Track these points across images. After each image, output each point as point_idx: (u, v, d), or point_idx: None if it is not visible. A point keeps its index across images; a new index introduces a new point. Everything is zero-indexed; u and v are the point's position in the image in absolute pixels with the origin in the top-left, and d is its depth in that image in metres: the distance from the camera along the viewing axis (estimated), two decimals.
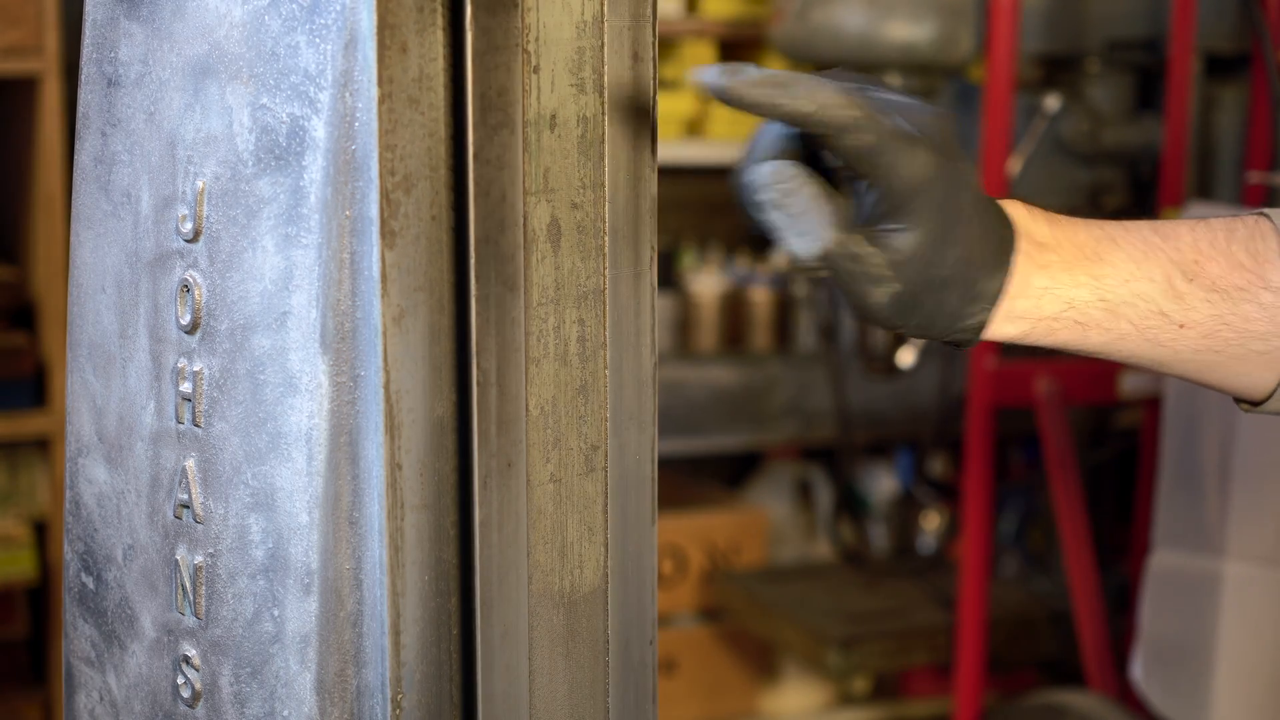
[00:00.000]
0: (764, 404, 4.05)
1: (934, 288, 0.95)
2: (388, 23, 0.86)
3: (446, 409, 0.90)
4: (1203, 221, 1.02)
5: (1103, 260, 0.99)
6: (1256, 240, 1.01)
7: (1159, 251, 1.00)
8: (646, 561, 1.01)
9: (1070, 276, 0.98)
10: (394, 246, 0.87)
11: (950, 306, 0.96)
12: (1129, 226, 1.01)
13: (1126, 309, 0.99)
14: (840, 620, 3.44)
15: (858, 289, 0.94)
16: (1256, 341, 1.01)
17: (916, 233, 0.93)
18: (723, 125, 4.04)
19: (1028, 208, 1.00)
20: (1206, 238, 1.01)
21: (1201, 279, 0.99)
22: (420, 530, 0.90)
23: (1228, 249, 1.00)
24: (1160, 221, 1.02)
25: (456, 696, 0.92)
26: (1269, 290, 1.00)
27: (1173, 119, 3.04)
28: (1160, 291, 0.99)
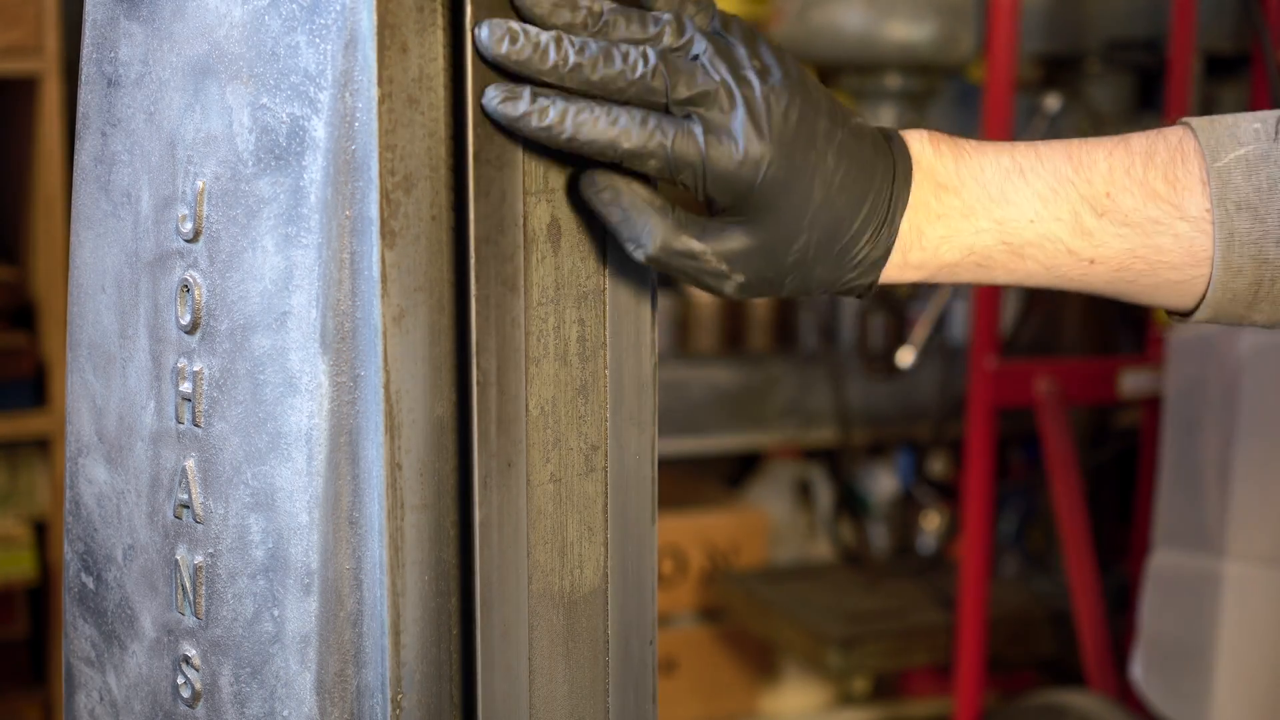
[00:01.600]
0: (764, 404, 4.05)
1: (788, 271, 0.93)
2: (388, 23, 0.86)
3: (446, 409, 0.90)
4: (1123, 143, 0.99)
5: (1008, 201, 0.97)
6: (1176, 164, 0.98)
7: (1069, 185, 0.97)
8: (646, 561, 1.01)
9: (970, 223, 0.96)
10: (394, 246, 0.87)
11: (819, 279, 0.94)
12: (1043, 153, 0.98)
13: (1032, 249, 0.97)
14: (840, 620, 3.44)
15: (703, 283, 0.93)
16: (1170, 271, 0.99)
17: (747, 229, 0.92)
18: None
19: (934, 139, 0.97)
20: (1123, 164, 0.98)
21: (1113, 213, 0.97)
22: (420, 530, 0.90)
23: (1144, 177, 0.97)
24: (1079, 142, 0.99)
25: (456, 696, 0.92)
26: (1185, 220, 0.97)
27: (1172, 119, 3.04)
28: (1068, 230, 0.97)
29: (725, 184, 0.90)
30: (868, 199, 0.94)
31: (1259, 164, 0.97)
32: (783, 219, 0.92)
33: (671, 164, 0.90)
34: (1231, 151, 0.98)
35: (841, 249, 0.94)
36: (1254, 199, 0.97)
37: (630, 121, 0.89)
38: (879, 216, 0.94)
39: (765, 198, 0.91)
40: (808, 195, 0.92)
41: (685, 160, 0.90)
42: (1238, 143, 0.98)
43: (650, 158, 0.90)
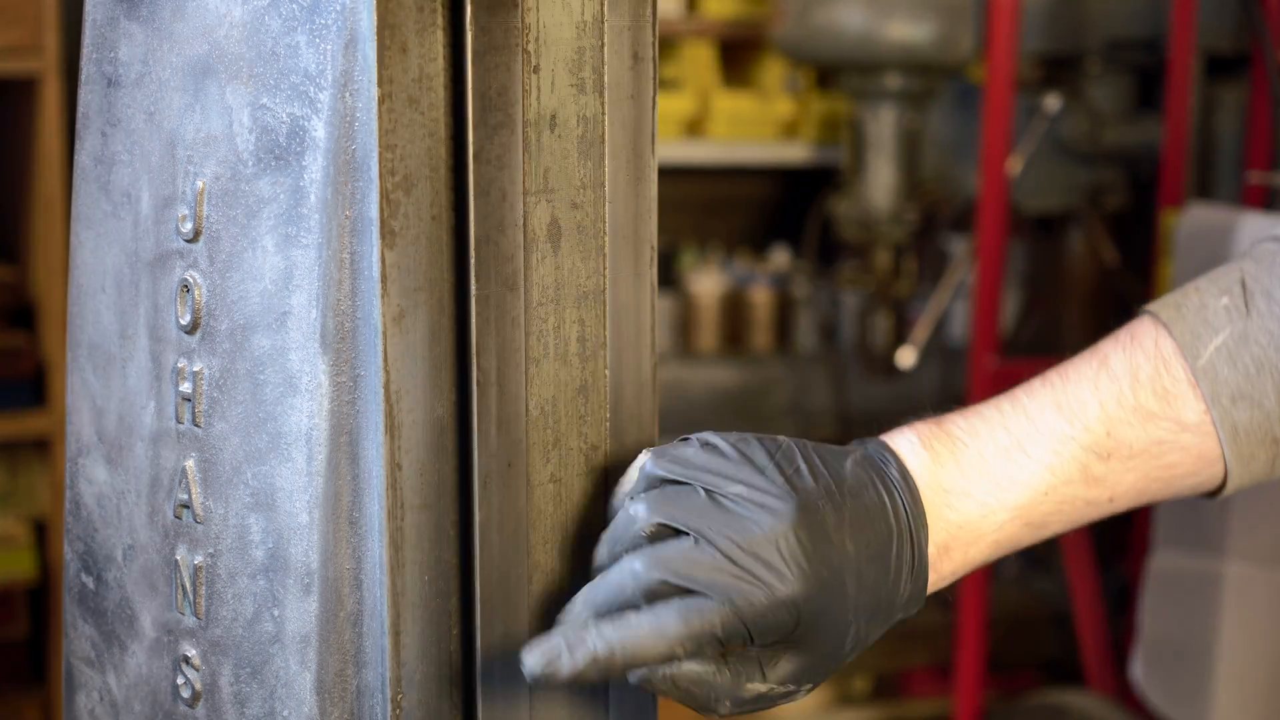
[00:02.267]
0: (764, 404, 4.05)
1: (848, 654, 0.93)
2: (388, 23, 0.86)
3: (446, 409, 0.90)
4: (1104, 367, 0.98)
5: (1016, 483, 0.97)
6: (1162, 375, 0.98)
7: (1069, 442, 0.97)
8: None
9: (990, 520, 0.97)
10: (394, 246, 0.87)
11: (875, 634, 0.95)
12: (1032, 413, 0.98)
13: (1053, 517, 0.99)
14: None
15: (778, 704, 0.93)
16: (1186, 479, 1.00)
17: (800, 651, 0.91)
18: (723, 125, 4.04)
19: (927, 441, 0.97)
20: (1112, 395, 0.98)
21: (1118, 451, 0.98)
22: (420, 530, 0.90)
23: (1135, 402, 0.98)
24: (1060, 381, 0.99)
25: (456, 697, 0.92)
26: (1186, 430, 0.98)
27: (1173, 119, 3.04)
28: (1081, 486, 0.98)
29: (770, 630, 0.89)
30: (892, 555, 0.93)
31: (1240, 348, 0.97)
32: (829, 634, 0.91)
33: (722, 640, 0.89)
34: (1210, 342, 0.97)
35: (885, 610, 0.93)
36: (1246, 387, 0.96)
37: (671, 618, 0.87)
38: (907, 564, 0.94)
39: (809, 621, 0.90)
40: (843, 595, 0.91)
41: (733, 631, 0.88)
42: (1213, 330, 0.97)
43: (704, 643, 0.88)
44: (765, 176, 4.38)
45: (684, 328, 4.15)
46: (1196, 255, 2.42)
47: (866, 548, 0.92)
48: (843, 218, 3.60)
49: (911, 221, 3.57)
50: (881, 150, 3.52)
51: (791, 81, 4.11)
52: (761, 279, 4.17)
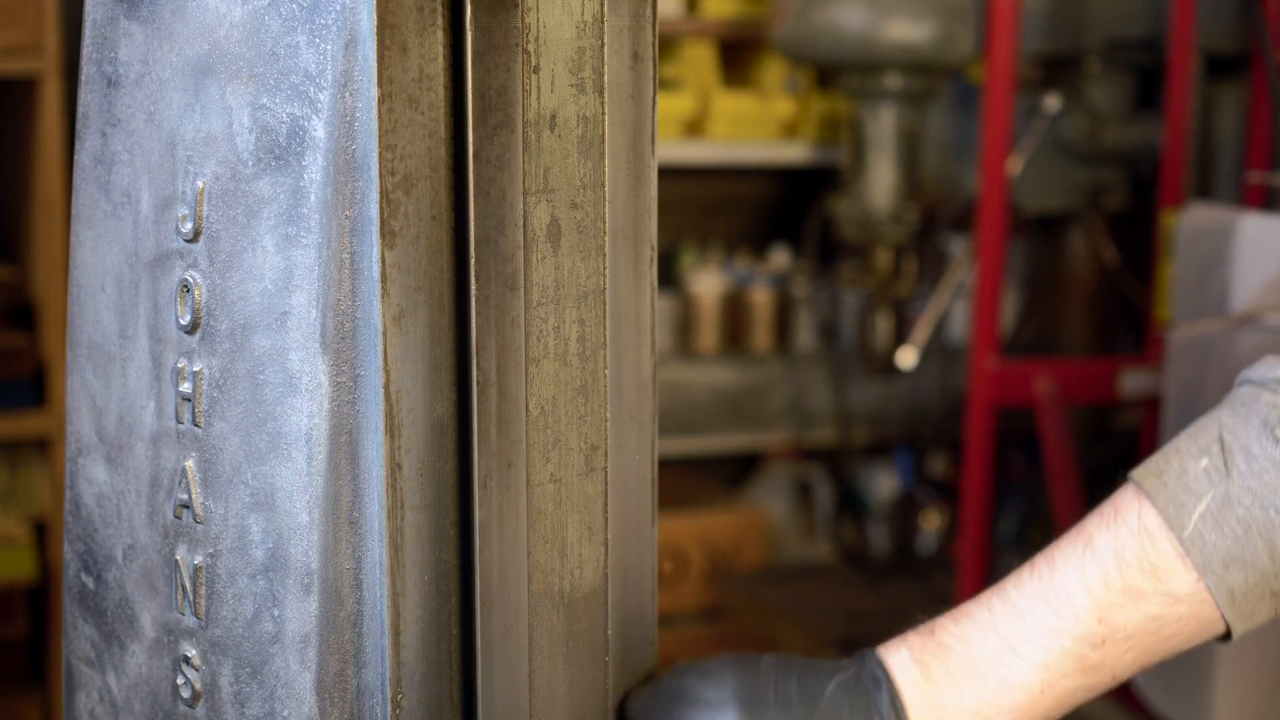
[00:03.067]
0: (764, 404, 4.05)
1: None
2: (388, 23, 0.86)
3: (446, 409, 0.90)
4: (1088, 550, 0.98)
5: (1010, 686, 0.97)
6: (1148, 551, 0.97)
7: (1061, 636, 0.97)
8: (646, 561, 1.01)
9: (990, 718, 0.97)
10: (394, 246, 0.87)
11: None
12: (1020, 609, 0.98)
13: (1055, 710, 0.98)
14: (840, 620, 3.44)
15: None
16: (1189, 642, 0.99)
17: None
18: (723, 125, 4.04)
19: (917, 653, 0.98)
20: (1099, 580, 0.97)
21: (1113, 637, 0.97)
22: (420, 530, 0.90)
23: (1123, 583, 0.97)
24: (1047, 569, 0.99)
25: (456, 696, 0.92)
26: (1181, 603, 0.97)
27: (1173, 119, 3.04)
28: (1078, 676, 0.98)
29: None
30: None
31: (1225, 512, 0.96)
32: None
33: None
34: (1194, 511, 0.96)
35: None
36: (1236, 550, 0.96)
37: None
38: None
39: None
40: None
41: None
42: (1195, 497, 0.96)
43: None
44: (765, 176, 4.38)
45: (684, 328, 4.14)
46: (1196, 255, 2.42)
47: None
48: (843, 218, 3.60)
49: (911, 221, 3.57)
50: (881, 150, 3.51)
51: (791, 81, 4.11)
52: (761, 279, 4.17)
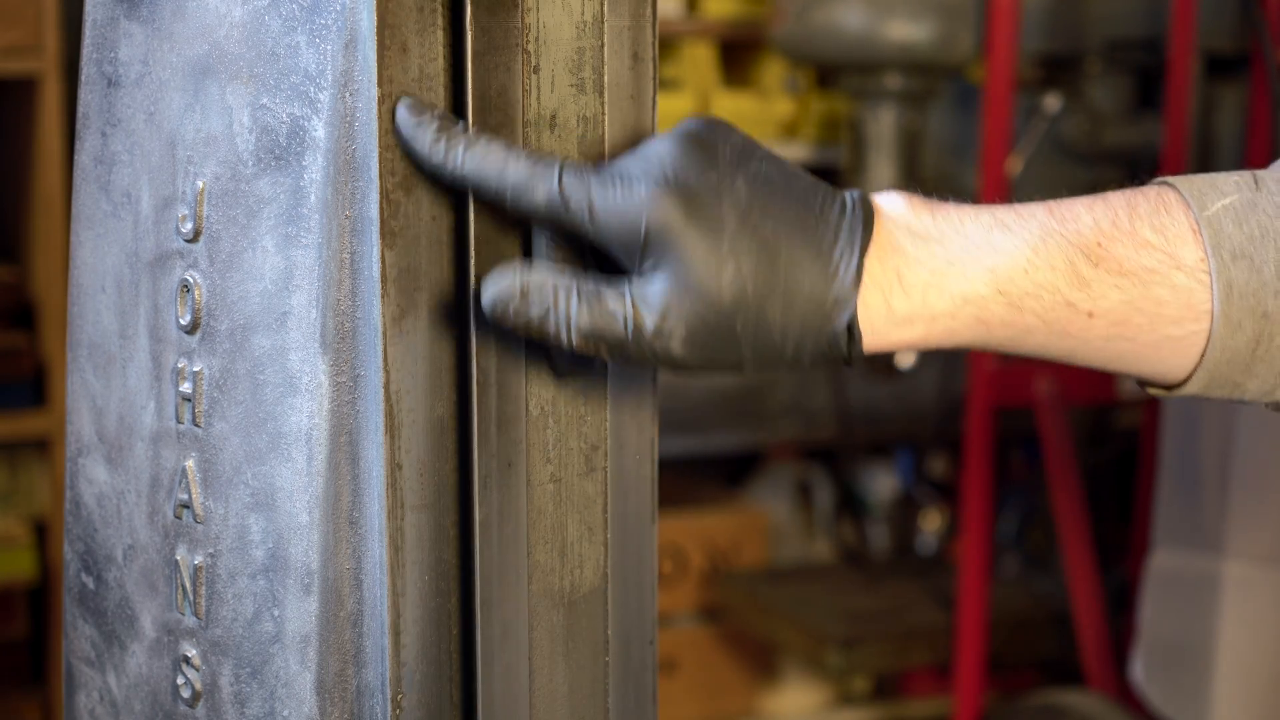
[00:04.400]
0: (764, 404, 4.05)
1: (730, 312, 0.86)
2: (388, 23, 0.86)
3: (446, 409, 0.90)
4: (1101, 198, 0.93)
5: (996, 250, 0.91)
6: (1162, 215, 0.92)
7: (1057, 235, 0.91)
8: (646, 561, 1.01)
9: (958, 269, 0.90)
10: (394, 246, 0.87)
11: (776, 322, 0.87)
12: (1021, 211, 0.93)
13: (1030, 300, 0.91)
14: (840, 620, 3.44)
15: (649, 350, 0.87)
16: (1170, 326, 0.93)
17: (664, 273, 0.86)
18: None
19: (909, 198, 0.92)
20: (1108, 216, 0.92)
21: (1108, 262, 0.91)
22: (420, 530, 0.90)
23: (1131, 228, 0.92)
24: (1055, 201, 0.94)
25: (456, 696, 0.92)
26: (1180, 270, 0.92)
27: (1173, 119, 3.04)
28: (1064, 279, 0.91)
29: (616, 225, 0.86)
30: (807, 223, 0.88)
31: (1247, 212, 0.92)
32: (697, 253, 0.86)
33: (557, 201, 0.86)
34: (1217, 201, 0.93)
35: (789, 282, 0.87)
36: (1248, 247, 0.92)
37: (522, 153, 0.87)
38: (826, 240, 0.88)
39: (664, 235, 0.86)
40: (717, 223, 0.86)
41: (570, 197, 0.86)
42: (1220, 194, 0.93)
43: (537, 187, 0.86)
44: None
45: None
46: None
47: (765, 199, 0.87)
48: None
49: None
50: (881, 150, 3.51)
51: (791, 81, 4.11)
52: None
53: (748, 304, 0.87)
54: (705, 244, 0.86)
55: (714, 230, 0.86)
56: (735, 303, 0.86)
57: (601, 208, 0.86)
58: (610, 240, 0.87)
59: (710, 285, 0.86)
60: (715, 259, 0.86)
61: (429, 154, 0.87)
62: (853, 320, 0.88)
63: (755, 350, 0.87)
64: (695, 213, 0.86)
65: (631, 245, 0.87)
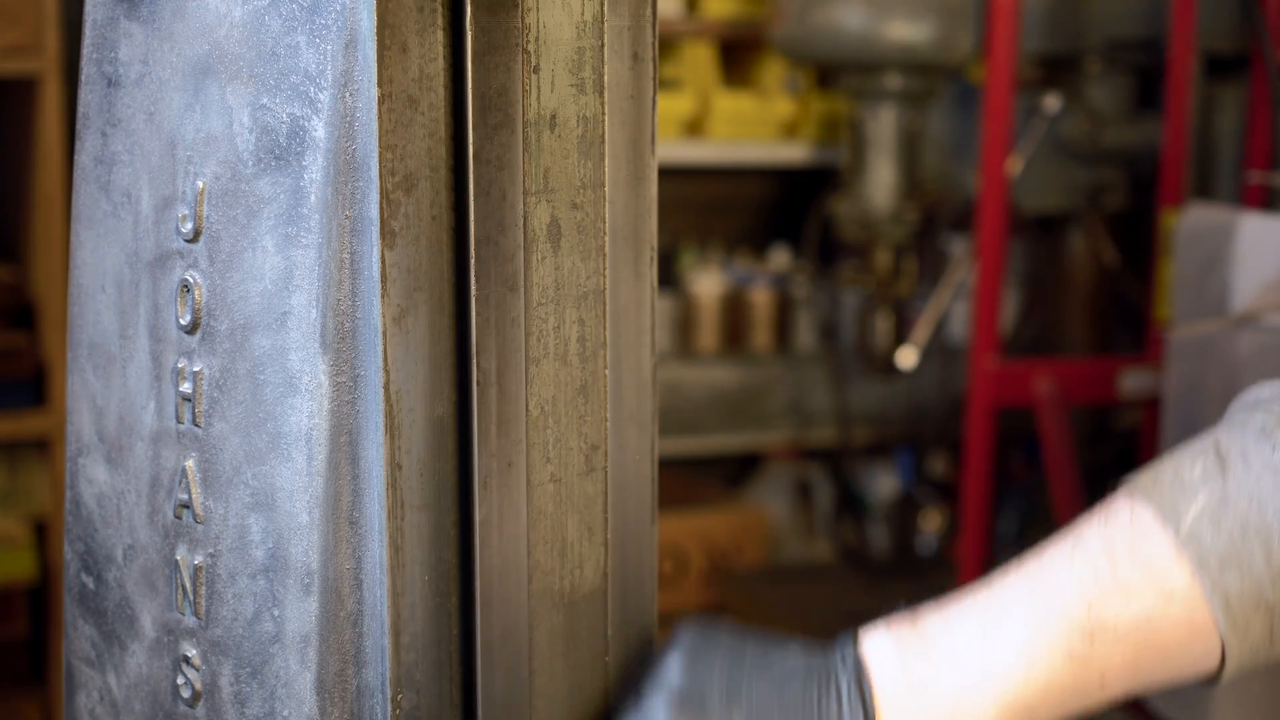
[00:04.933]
0: (764, 404, 4.05)
1: None
2: (388, 23, 0.86)
3: (446, 409, 0.90)
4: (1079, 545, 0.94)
5: (991, 672, 0.92)
6: (1141, 545, 0.93)
7: (1045, 626, 0.93)
8: (646, 561, 1.01)
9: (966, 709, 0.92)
10: (394, 246, 0.87)
11: None
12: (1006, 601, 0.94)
13: (1039, 703, 0.93)
14: (840, 620, 3.43)
15: None
16: (1181, 652, 0.94)
17: None
18: (723, 125, 4.04)
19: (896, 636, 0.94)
20: (1089, 573, 0.93)
21: (1102, 632, 0.93)
22: (420, 530, 0.90)
23: (1114, 576, 0.93)
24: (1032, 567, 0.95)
25: (456, 696, 0.92)
26: (1174, 603, 0.92)
27: (1173, 119, 3.04)
28: (1065, 670, 0.93)
29: None
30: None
31: (1222, 511, 0.92)
32: None
33: None
34: (1189, 509, 0.93)
35: None
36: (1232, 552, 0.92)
37: None
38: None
39: None
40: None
41: None
42: (1191, 496, 0.93)
43: None
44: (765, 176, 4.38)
45: (684, 328, 4.14)
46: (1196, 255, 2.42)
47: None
48: (843, 218, 3.60)
49: (911, 221, 3.57)
50: (881, 150, 3.52)
51: (791, 81, 4.11)
52: (761, 279, 4.17)
53: None
54: None
55: None
56: None
57: None
58: None
59: None
60: None
61: None
62: None
63: None
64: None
65: None
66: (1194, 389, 2.54)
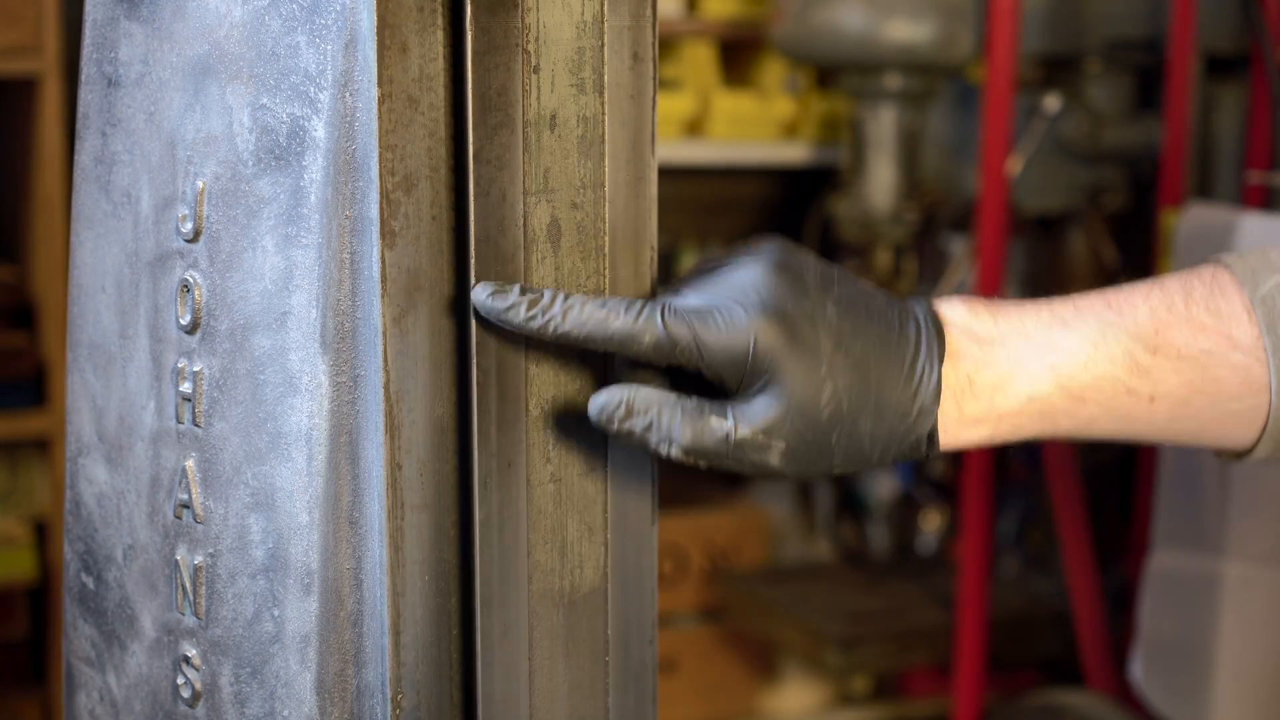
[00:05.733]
0: None
1: (828, 428, 0.92)
2: (388, 23, 0.86)
3: (446, 409, 0.90)
4: (1157, 285, 0.99)
5: (1056, 347, 0.96)
6: (1217, 297, 0.97)
7: (1114, 328, 0.97)
8: (646, 561, 1.01)
9: (1023, 369, 0.96)
10: (394, 246, 0.87)
11: (869, 434, 0.93)
12: (1079, 305, 0.98)
13: (1091, 392, 0.96)
14: (840, 620, 3.44)
15: (747, 462, 0.92)
16: (1230, 402, 0.98)
17: (768, 395, 0.91)
18: (723, 125, 4.03)
19: (968, 302, 0.97)
20: (1164, 303, 0.97)
21: (1165, 349, 0.97)
22: (420, 530, 0.90)
23: (1187, 312, 0.97)
24: (1113, 290, 0.99)
25: (456, 696, 0.92)
26: (1237, 350, 0.97)
27: (1173, 119, 3.04)
28: (1124, 369, 0.96)
29: (724, 357, 0.91)
30: (890, 341, 0.94)
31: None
32: (798, 375, 0.91)
33: (665, 343, 0.91)
34: (1270, 279, 0.97)
35: (879, 397, 0.93)
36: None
37: (618, 304, 0.91)
38: (908, 357, 0.94)
39: (769, 361, 0.91)
40: (815, 347, 0.92)
41: (678, 338, 0.91)
42: (1273, 269, 0.98)
43: (643, 335, 0.90)
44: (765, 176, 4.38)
45: None
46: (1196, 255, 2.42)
47: (854, 321, 0.93)
48: (843, 218, 3.60)
49: (911, 221, 3.57)
50: (881, 150, 3.51)
51: (791, 81, 4.11)
52: None
53: (843, 420, 0.93)
54: (805, 367, 0.91)
55: (812, 353, 0.92)
56: (832, 419, 0.93)
57: (708, 343, 0.91)
58: (718, 369, 0.91)
59: (810, 405, 0.92)
60: (815, 380, 0.92)
61: (524, 327, 0.90)
62: (933, 427, 0.94)
63: (845, 458, 0.94)
64: (794, 338, 0.91)
65: (737, 371, 0.91)
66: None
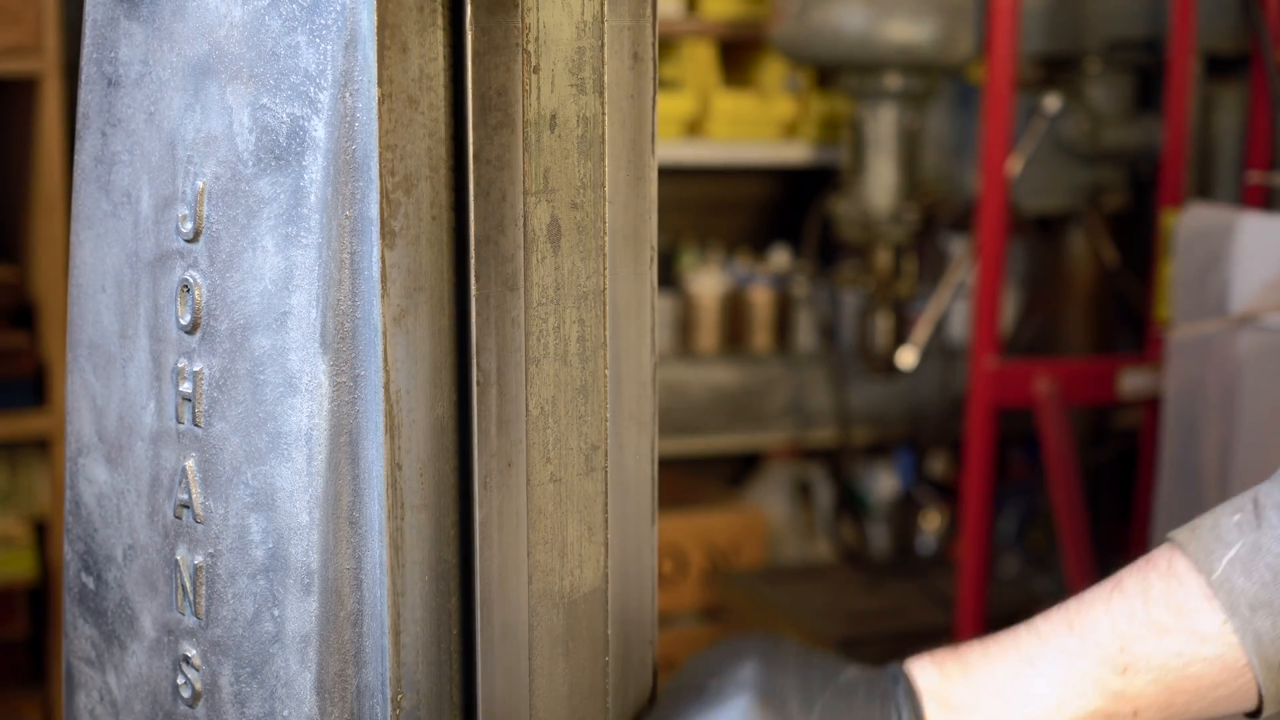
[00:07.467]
0: (764, 404, 4.05)
1: None
2: (388, 23, 0.86)
3: (446, 409, 0.90)
4: (1117, 588, 1.00)
5: (1028, 697, 0.98)
6: (1176, 590, 0.98)
7: (1080, 658, 0.98)
8: (646, 561, 1.01)
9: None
10: (394, 246, 0.87)
11: None
12: (1044, 634, 1.00)
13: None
14: (840, 620, 3.44)
15: None
16: (1214, 690, 0.99)
17: None
18: (723, 125, 4.04)
19: (938, 661, 1.00)
20: (1124, 613, 0.99)
21: (1135, 665, 0.98)
22: (420, 530, 0.90)
23: (1148, 616, 0.98)
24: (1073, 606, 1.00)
25: (456, 696, 0.92)
26: (1206, 643, 0.98)
27: (1173, 119, 3.04)
28: (1097, 699, 0.98)
29: None
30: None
31: (1253, 558, 0.97)
32: None
33: None
34: (1223, 556, 0.98)
35: None
36: (1263, 595, 0.97)
37: None
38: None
39: None
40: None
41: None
42: (1225, 545, 0.98)
43: None
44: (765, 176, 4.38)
45: (684, 328, 4.14)
46: (1196, 255, 2.42)
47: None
48: (843, 218, 3.60)
49: (911, 221, 3.57)
50: (881, 150, 3.51)
51: (791, 81, 4.11)
52: (761, 279, 4.17)
53: None
54: None
55: None
56: None
57: None
58: None
59: None
60: None
61: None
62: None
63: None
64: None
65: None
66: (1194, 389, 2.54)
